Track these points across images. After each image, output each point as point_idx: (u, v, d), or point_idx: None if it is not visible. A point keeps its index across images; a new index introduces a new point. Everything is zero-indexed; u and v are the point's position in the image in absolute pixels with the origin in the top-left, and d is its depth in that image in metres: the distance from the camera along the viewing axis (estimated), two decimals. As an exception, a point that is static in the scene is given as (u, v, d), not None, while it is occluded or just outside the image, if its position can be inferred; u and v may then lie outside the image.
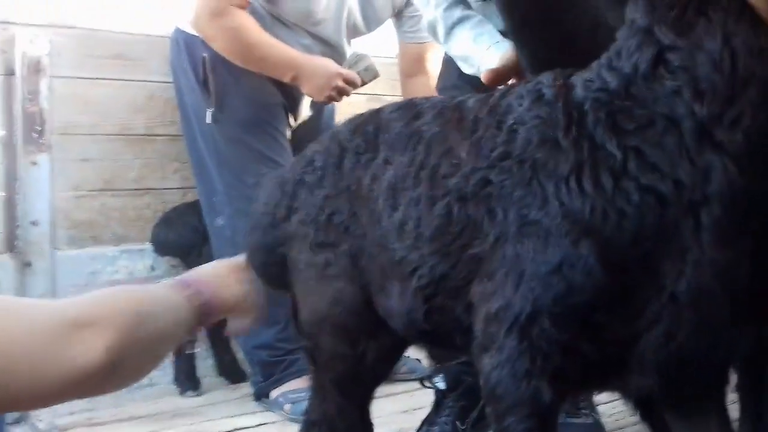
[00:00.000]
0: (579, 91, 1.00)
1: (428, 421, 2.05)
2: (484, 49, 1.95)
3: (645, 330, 0.94)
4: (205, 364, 3.16)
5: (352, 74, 2.83)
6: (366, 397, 1.42)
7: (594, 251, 0.93)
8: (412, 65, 3.24)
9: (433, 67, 3.21)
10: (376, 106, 3.89)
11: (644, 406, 1.18)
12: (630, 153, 0.93)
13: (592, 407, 2.09)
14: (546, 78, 1.08)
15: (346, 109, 3.65)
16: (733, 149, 0.89)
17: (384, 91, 3.94)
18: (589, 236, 0.94)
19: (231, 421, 2.55)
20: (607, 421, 2.18)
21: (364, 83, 2.96)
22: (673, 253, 0.92)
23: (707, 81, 0.89)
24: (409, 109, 1.27)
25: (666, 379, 0.98)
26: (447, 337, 1.19)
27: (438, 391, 2.08)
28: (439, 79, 2.56)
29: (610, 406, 2.24)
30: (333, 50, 2.90)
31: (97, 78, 3.16)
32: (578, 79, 1.03)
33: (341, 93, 2.80)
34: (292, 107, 2.91)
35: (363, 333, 1.33)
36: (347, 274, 1.28)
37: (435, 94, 3.25)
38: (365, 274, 1.26)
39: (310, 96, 2.82)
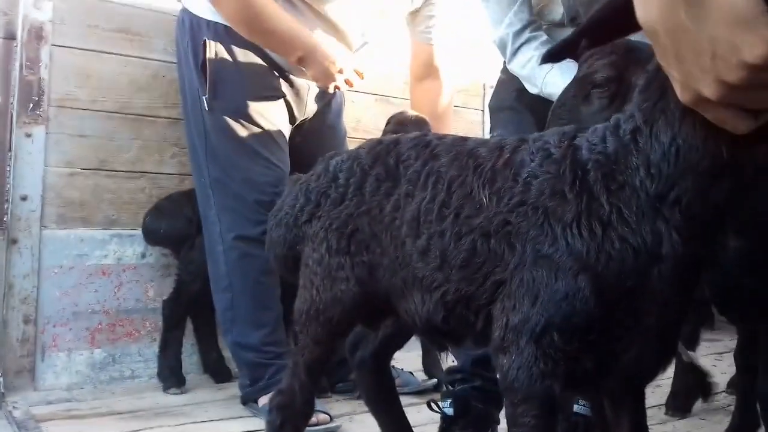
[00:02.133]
0: (584, 153, 1.20)
1: (431, 448, 1.97)
2: (547, 71, 2.09)
3: (625, 350, 1.20)
4: (190, 360, 3.06)
5: (362, 65, 2.69)
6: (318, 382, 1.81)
7: (589, 285, 1.15)
8: (422, 68, 3.13)
9: (446, 73, 3.15)
10: (384, 107, 3.86)
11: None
12: (614, 208, 1.14)
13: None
14: (552, 138, 1.28)
15: (351, 109, 3.58)
16: (674, 222, 1.10)
17: (393, 93, 3.87)
18: (587, 272, 1.16)
19: (217, 425, 2.44)
20: None
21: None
22: (646, 294, 1.15)
23: (657, 166, 1.09)
24: (425, 147, 1.49)
25: (633, 382, 1.32)
26: (460, 336, 1.43)
27: (445, 417, 1.99)
28: (493, 97, 2.51)
29: None
30: (340, 37, 2.73)
31: (100, 51, 3.02)
32: (583, 141, 1.23)
33: (348, 83, 2.67)
34: (297, 102, 2.76)
35: (343, 329, 1.64)
36: (358, 280, 1.53)
37: (444, 100, 3.20)
38: (381, 283, 1.50)
39: (315, 81, 2.66)
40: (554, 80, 2.07)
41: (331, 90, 2.69)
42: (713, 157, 1.02)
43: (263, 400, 2.48)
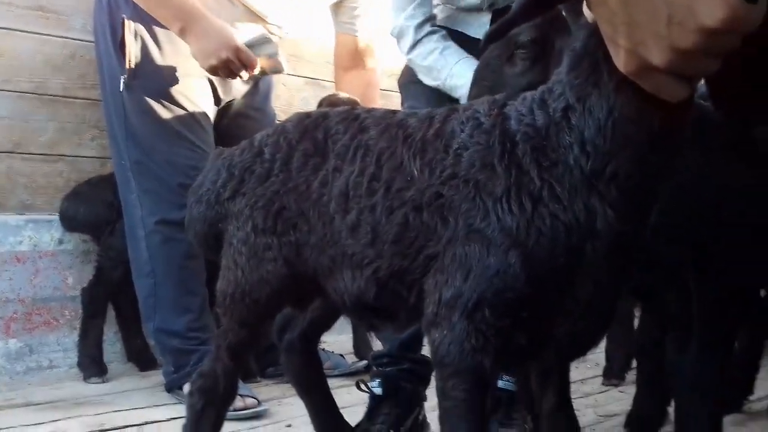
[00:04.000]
0: (513, 123, 1.19)
1: (361, 429, 1.97)
2: (452, 64, 2.10)
3: (557, 325, 1.21)
4: (113, 349, 2.97)
5: (250, 55, 2.49)
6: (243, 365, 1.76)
7: (519, 261, 1.15)
8: (347, 58, 3.09)
9: (372, 63, 3.13)
10: (315, 90, 3.83)
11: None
12: (545, 184, 1.14)
13: (523, 418, 2.08)
14: (481, 107, 1.27)
15: (282, 92, 3.53)
16: (610, 199, 1.10)
17: (323, 77, 3.83)
18: (517, 248, 1.15)
19: (140, 413, 2.37)
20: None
21: (264, 73, 2.62)
22: (579, 271, 1.15)
23: (592, 143, 1.07)
24: (354, 121, 1.45)
25: (563, 357, 1.35)
26: (392, 312, 1.41)
27: (374, 397, 2.00)
28: (402, 74, 2.47)
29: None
30: (255, 19, 2.61)
31: (14, 29, 2.88)
32: (512, 110, 1.21)
33: (230, 70, 2.47)
34: (222, 83, 2.66)
35: (271, 312, 1.59)
36: (286, 260, 1.48)
37: (371, 90, 3.19)
38: (308, 263, 1.46)
39: (194, 58, 2.47)
40: (462, 72, 2.08)
41: (209, 74, 2.52)
42: (648, 129, 1.02)
43: (188, 386, 2.43)
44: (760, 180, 1.52)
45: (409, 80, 2.31)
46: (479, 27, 2.23)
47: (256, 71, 2.53)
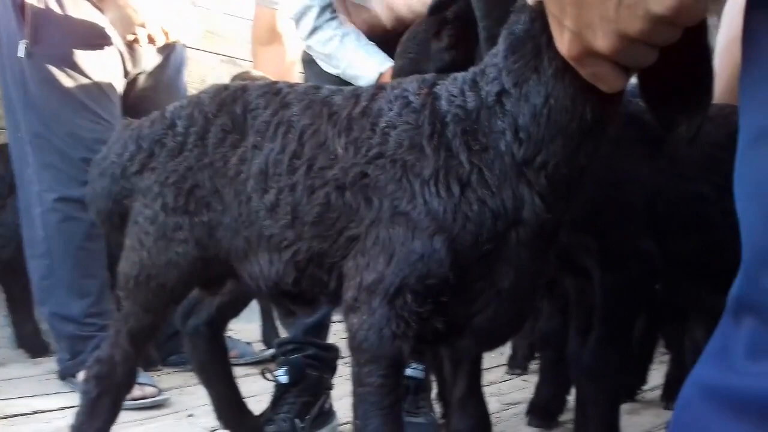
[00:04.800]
0: (443, 104, 1.16)
1: (265, 417, 1.92)
2: (352, 52, 2.08)
3: (477, 312, 1.19)
4: (2, 333, 2.79)
5: (172, 23, 2.44)
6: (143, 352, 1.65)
7: (444, 246, 1.12)
8: (266, 32, 3.03)
9: (290, 38, 3.06)
10: (230, 68, 3.71)
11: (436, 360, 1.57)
12: (474, 168, 1.12)
13: (429, 406, 2.09)
14: (411, 86, 1.23)
15: (195, 69, 3.41)
16: (539, 188, 1.10)
17: (239, 55, 3.73)
18: (443, 232, 1.12)
19: (29, 401, 2.22)
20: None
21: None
22: (503, 257, 1.14)
23: (525, 130, 1.07)
24: (276, 96, 1.38)
25: (482, 345, 1.32)
26: (311, 297, 1.36)
27: (279, 385, 1.95)
28: (305, 50, 2.42)
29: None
30: None
31: None
32: (443, 90, 1.18)
33: (152, 39, 2.40)
34: (131, 54, 2.53)
35: (178, 296, 1.50)
36: (197, 241, 1.39)
37: (288, 65, 3.13)
38: (221, 245, 1.38)
39: (113, 27, 2.39)
40: (361, 61, 2.06)
41: (130, 40, 2.41)
42: (581, 119, 1.02)
43: (83, 374, 2.31)
44: (663, 175, 1.57)
45: (312, 58, 2.28)
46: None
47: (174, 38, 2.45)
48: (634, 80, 0.97)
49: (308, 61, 2.33)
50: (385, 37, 2.13)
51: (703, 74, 0.93)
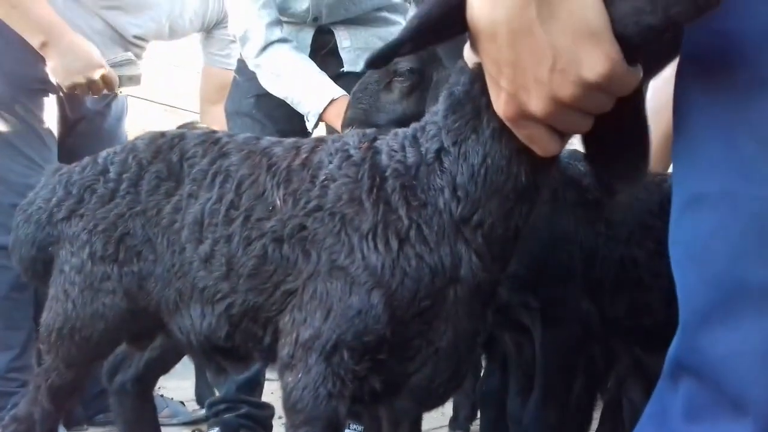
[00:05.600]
0: (384, 158, 1.17)
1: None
2: (307, 80, 2.06)
3: (415, 371, 1.17)
4: None
5: (114, 77, 2.42)
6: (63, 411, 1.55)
7: (383, 302, 1.11)
8: (215, 92, 3.01)
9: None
10: (174, 118, 3.68)
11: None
12: (413, 223, 1.12)
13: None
14: (352, 139, 1.24)
15: (138, 118, 3.36)
16: (476, 246, 1.10)
17: (184, 106, 3.70)
18: (381, 288, 1.11)
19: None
20: None
21: (119, 91, 2.54)
22: (440, 315, 1.13)
23: (464, 189, 1.08)
24: (214, 145, 1.37)
25: (421, 405, 1.29)
26: (245, 353, 1.33)
27: (212, 447, 1.88)
28: (228, 99, 2.43)
29: None
30: (124, 45, 2.54)
31: None
32: (384, 145, 1.19)
33: (92, 89, 2.38)
34: (69, 98, 2.49)
35: (104, 351, 1.47)
36: (127, 292, 1.36)
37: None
38: (151, 296, 1.35)
39: (54, 75, 2.35)
40: (315, 87, 2.06)
41: (71, 88, 2.37)
42: (516, 180, 1.04)
43: (-1, 432, 2.17)
44: (603, 238, 1.61)
45: (236, 111, 2.27)
46: (299, 42, 2.22)
47: (116, 91, 2.43)
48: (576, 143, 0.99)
49: (231, 113, 2.33)
50: None
51: (640, 141, 0.95)
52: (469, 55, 1.00)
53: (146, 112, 3.50)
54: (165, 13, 2.63)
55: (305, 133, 2.05)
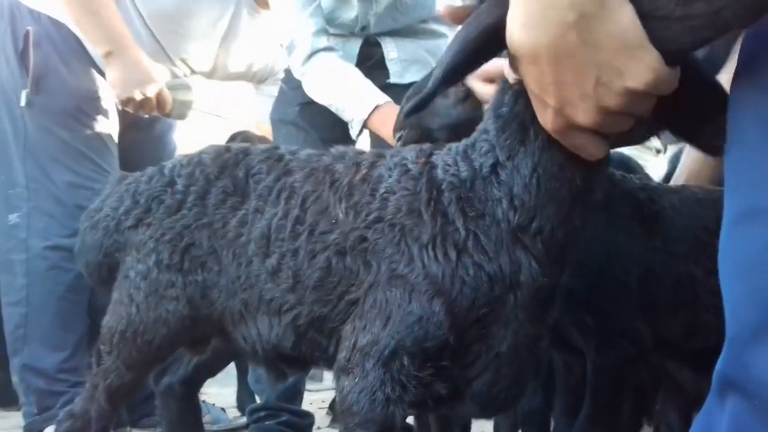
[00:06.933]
0: (439, 173, 1.21)
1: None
2: (356, 91, 2.04)
3: (476, 377, 1.19)
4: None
5: (168, 96, 2.46)
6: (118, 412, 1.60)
7: (443, 309, 1.14)
8: None
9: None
10: (216, 125, 3.73)
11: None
12: (470, 234, 1.15)
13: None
14: (410, 155, 1.28)
15: (182, 125, 3.43)
16: (535, 252, 1.13)
17: (227, 114, 3.77)
18: (441, 296, 1.14)
19: (-8, 456, 2.15)
20: None
21: (167, 115, 2.55)
22: (500, 321, 1.16)
23: (519, 198, 1.11)
24: (278, 162, 1.42)
25: (482, 410, 1.29)
26: (308, 363, 1.39)
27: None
28: (274, 108, 2.46)
29: None
30: (162, 59, 2.56)
31: None
32: (439, 160, 1.23)
33: (144, 107, 2.42)
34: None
35: (163, 355, 1.50)
36: (189, 300, 1.41)
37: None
38: (214, 305, 1.40)
39: (111, 86, 2.40)
40: (360, 94, 2.03)
41: (124, 103, 2.41)
42: (570, 184, 1.07)
43: (52, 429, 2.23)
44: (658, 252, 1.57)
45: (281, 119, 2.28)
46: (346, 53, 2.21)
47: (165, 112, 2.48)
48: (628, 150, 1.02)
49: (276, 122, 2.34)
50: None
51: (712, 91, 0.97)
52: (509, 72, 1.03)
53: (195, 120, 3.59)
54: (213, 47, 2.64)
55: (348, 141, 2.06)
